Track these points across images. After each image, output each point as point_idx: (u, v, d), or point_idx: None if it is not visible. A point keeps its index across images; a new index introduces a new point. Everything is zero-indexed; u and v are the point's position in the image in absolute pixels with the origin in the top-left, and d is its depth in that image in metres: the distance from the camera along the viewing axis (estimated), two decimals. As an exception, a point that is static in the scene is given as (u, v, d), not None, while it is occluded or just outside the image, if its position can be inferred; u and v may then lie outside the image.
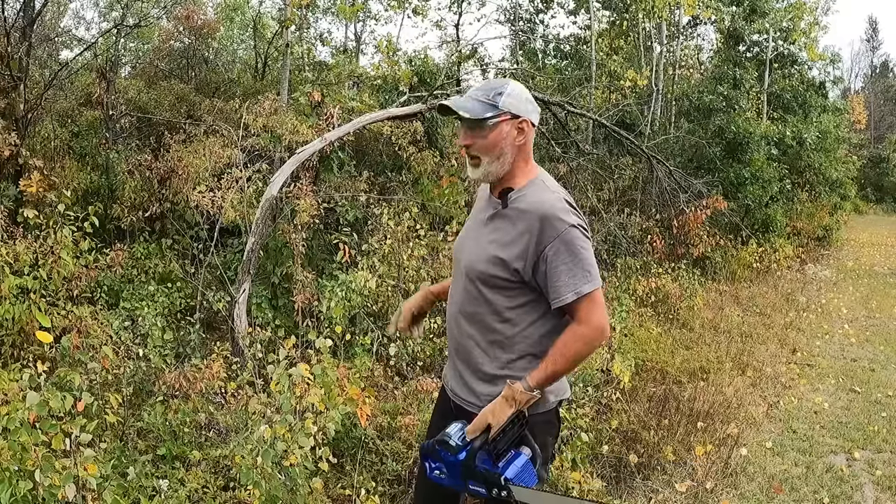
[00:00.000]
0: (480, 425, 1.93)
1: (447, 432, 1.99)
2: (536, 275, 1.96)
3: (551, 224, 1.93)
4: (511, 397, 1.93)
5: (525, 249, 1.95)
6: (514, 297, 2.01)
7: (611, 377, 4.68)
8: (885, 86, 43.89)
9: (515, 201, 2.02)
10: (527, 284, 1.98)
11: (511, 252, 1.97)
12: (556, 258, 1.92)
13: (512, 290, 2.00)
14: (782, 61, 16.02)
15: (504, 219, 2.03)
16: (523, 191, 2.04)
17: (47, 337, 2.69)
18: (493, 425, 1.92)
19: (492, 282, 2.01)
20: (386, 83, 9.25)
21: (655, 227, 9.70)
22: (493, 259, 2.00)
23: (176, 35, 11.48)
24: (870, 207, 31.67)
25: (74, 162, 8.03)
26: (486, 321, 2.05)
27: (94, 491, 2.32)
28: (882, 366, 6.44)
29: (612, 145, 11.27)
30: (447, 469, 2.01)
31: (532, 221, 1.95)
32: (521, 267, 1.96)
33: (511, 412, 1.92)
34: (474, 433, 1.94)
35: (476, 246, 2.08)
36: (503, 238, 2.01)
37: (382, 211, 5.77)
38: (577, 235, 1.94)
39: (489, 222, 2.08)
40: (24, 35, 7.24)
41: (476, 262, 2.05)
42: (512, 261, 1.96)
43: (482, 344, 2.06)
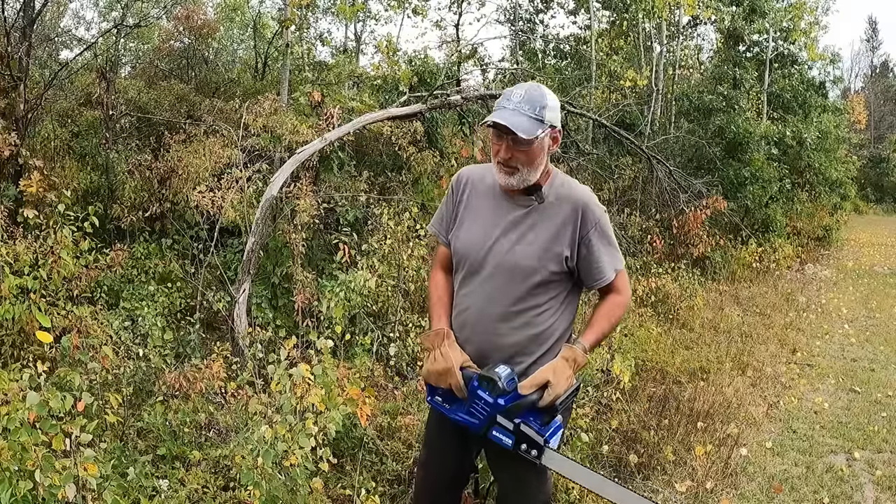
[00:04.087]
0: (539, 381, 1.97)
1: (497, 371, 1.97)
2: (579, 260, 2.08)
3: (591, 210, 2.08)
4: (572, 358, 2.01)
5: (572, 237, 2.06)
6: (553, 288, 2.09)
7: (611, 377, 4.68)
8: (885, 86, 43.89)
9: (550, 195, 2.11)
10: (568, 273, 2.09)
11: (561, 243, 2.06)
12: (598, 241, 2.07)
13: (555, 281, 2.08)
14: (782, 61, 16.02)
15: (541, 213, 2.09)
16: (553, 184, 2.14)
17: (47, 337, 2.68)
18: (553, 384, 1.95)
19: (544, 276, 2.06)
20: (386, 83, 9.25)
21: (655, 227, 9.70)
22: (548, 253, 2.06)
23: (176, 35, 11.48)
24: (870, 207, 31.70)
25: (74, 162, 8.02)
26: (525, 317, 2.08)
27: (94, 491, 2.32)
28: (882, 366, 6.43)
29: (612, 145, 11.27)
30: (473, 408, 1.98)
31: (573, 211, 2.07)
32: (569, 255, 2.07)
33: (569, 374, 1.98)
34: (531, 388, 1.96)
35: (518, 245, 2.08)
36: (548, 232, 2.07)
37: (382, 211, 5.77)
38: (608, 219, 2.13)
39: (523, 219, 2.10)
40: (24, 35, 7.24)
41: (525, 260, 2.06)
42: (563, 251, 2.06)
43: (520, 342, 2.08)
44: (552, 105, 2.05)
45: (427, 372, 2.12)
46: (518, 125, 1.99)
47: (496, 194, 2.16)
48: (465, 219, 2.22)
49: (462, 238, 2.20)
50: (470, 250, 2.17)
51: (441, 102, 7.20)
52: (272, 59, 12.29)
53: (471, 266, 2.16)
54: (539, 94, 2.04)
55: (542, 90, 2.07)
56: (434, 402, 2.13)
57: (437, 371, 2.09)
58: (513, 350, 2.08)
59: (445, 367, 2.07)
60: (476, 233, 2.17)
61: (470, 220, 2.20)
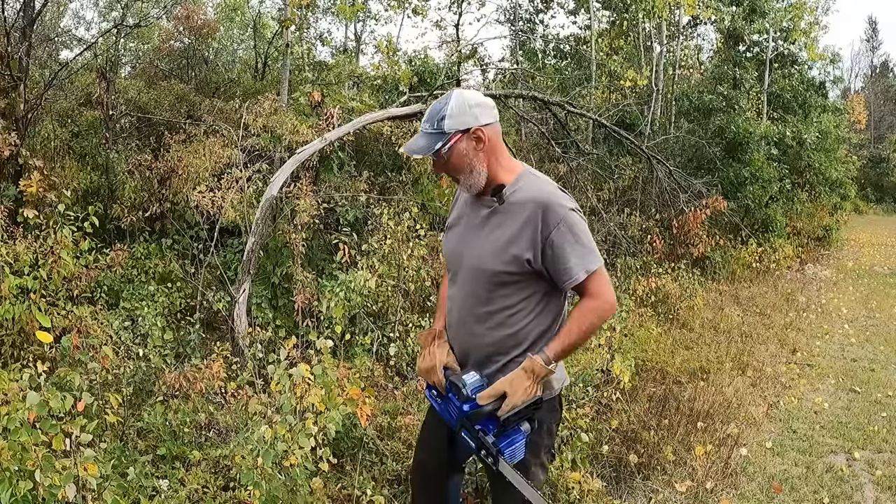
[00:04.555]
0: (496, 393, 1.97)
1: (463, 379, 2.03)
2: (545, 261, 2.02)
3: (553, 210, 2.00)
4: (531, 369, 1.97)
5: (532, 238, 2.00)
6: (522, 289, 2.06)
7: (611, 377, 4.68)
8: (885, 86, 43.90)
9: (511, 196, 2.07)
10: (535, 274, 2.04)
11: (520, 244, 2.02)
12: (563, 241, 1.99)
13: (521, 282, 2.06)
14: (782, 61, 16.02)
15: (503, 214, 2.08)
16: (516, 185, 2.09)
17: (47, 337, 2.68)
18: (509, 394, 1.95)
19: (503, 278, 2.05)
20: (386, 83, 9.26)
21: (655, 227, 9.70)
22: (507, 256, 2.03)
23: (176, 35, 11.48)
24: (870, 207, 31.70)
25: (74, 162, 8.02)
26: (498, 318, 2.09)
27: (94, 491, 2.32)
28: (882, 366, 6.43)
29: (612, 145, 11.28)
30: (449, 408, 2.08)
31: (534, 210, 2.01)
32: (531, 257, 2.01)
33: (528, 385, 1.96)
34: (488, 399, 1.97)
35: (480, 247, 2.11)
36: (508, 233, 2.04)
37: (382, 211, 5.77)
38: (575, 218, 2.03)
39: (487, 221, 2.11)
40: (24, 35, 7.24)
41: (484, 262, 2.08)
42: (522, 253, 2.01)
43: (497, 342, 2.09)
44: (455, 110, 2.02)
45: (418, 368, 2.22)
46: (413, 147, 2.07)
47: (470, 199, 2.20)
48: (451, 224, 2.29)
49: (445, 243, 2.29)
50: (450, 254, 2.24)
51: (441, 102, 7.19)
52: (272, 59, 12.29)
53: (452, 269, 2.23)
54: (442, 104, 2.05)
55: (448, 98, 2.05)
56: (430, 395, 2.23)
57: (424, 369, 2.18)
58: (490, 350, 2.10)
59: (431, 365, 2.15)
60: (454, 237, 2.24)
61: (453, 225, 2.27)
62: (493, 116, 2.09)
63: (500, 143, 2.13)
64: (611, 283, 2.06)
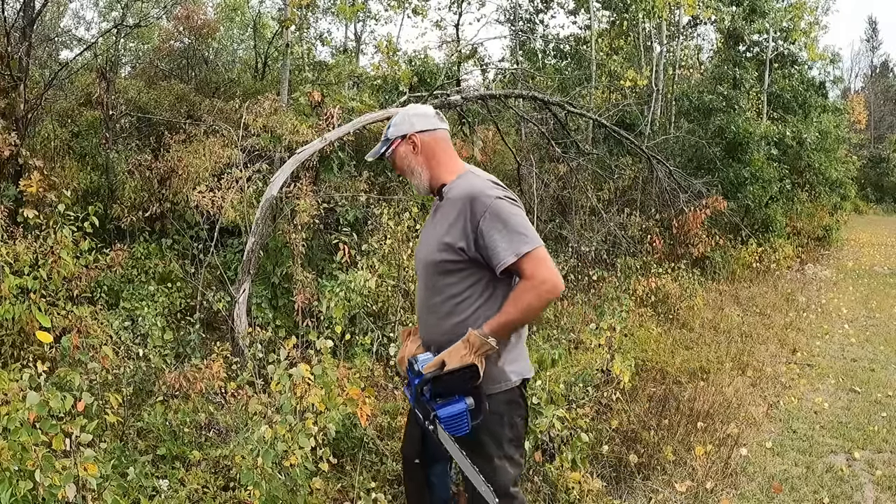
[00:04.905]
0: (437, 363, 2.14)
1: (416, 357, 2.25)
2: (479, 249, 2.16)
3: (479, 201, 2.15)
4: (468, 340, 2.12)
5: (464, 228, 2.17)
6: (466, 277, 2.21)
7: (611, 377, 4.68)
8: (885, 86, 43.90)
9: (448, 193, 2.28)
10: (474, 262, 2.18)
11: (453, 234, 2.19)
12: (490, 228, 2.12)
13: (464, 270, 2.20)
14: (782, 61, 16.02)
15: (442, 210, 2.28)
16: (454, 183, 2.29)
17: (47, 337, 2.69)
18: (447, 361, 2.12)
19: (443, 267, 2.22)
20: (386, 83, 9.26)
21: (655, 227, 9.70)
22: (441, 245, 2.22)
23: (176, 35, 11.49)
24: (870, 207, 31.70)
25: (74, 162, 8.03)
26: (447, 307, 2.24)
27: (94, 491, 2.32)
28: (882, 366, 6.43)
29: (612, 145, 11.28)
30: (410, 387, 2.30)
31: (464, 203, 2.18)
32: (464, 245, 2.17)
33: (464, 353, 2.10)
34: (430, 368, 2.16)
35: (427, 242, 2.33)
36: (445, 225, 2.23)
37: (382, 211, 5.77)
38: (503, 205, 2.15)
39: (433, 218, 2.34)
40: (24, 35, 7.24)
41: (428, 255, 2.28)
42: (456, 242, 2.18)
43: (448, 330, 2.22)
44: (398, 120, 2.34)
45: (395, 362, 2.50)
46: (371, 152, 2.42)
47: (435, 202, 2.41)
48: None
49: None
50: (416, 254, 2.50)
51: (441, 102, 7.20)
52: (272, 59, 12.30)
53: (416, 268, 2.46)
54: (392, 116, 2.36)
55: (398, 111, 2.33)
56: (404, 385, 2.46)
57: (399, 360, 2.44)
58: (444, 339, 2.20)
59: (401, 356, 2.40)
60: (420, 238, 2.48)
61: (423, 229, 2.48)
62: (430, 125, 2.32)
63: (441, 148, 2.33)
64: (551, 265, 2.12)
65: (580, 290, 7.70)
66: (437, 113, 2.40)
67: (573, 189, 9.37)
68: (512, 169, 9.32)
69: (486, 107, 8.39)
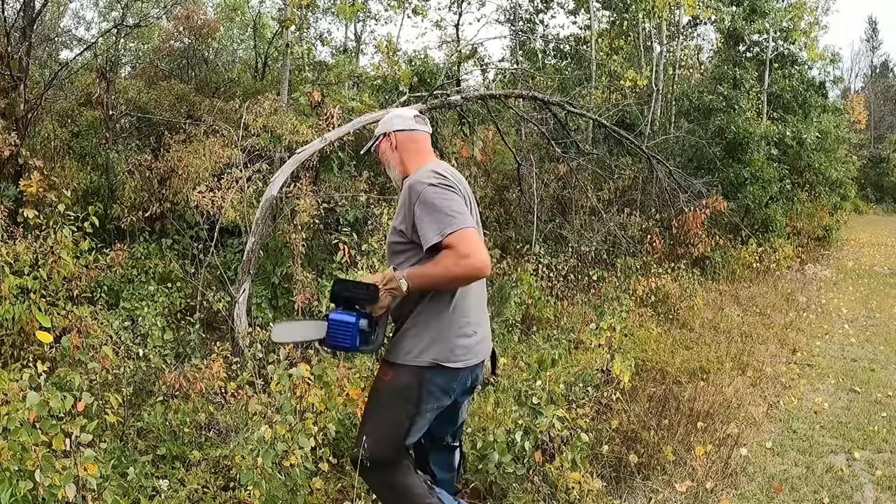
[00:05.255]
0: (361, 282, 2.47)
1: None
2: (415, 231, 2.38)
3: (414, 189, 2.38)
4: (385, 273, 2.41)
5: (405, 214, 2.41)
6: (411, 257, 2.44)
7: (611, 377, 4.68)
8: (885, 86, 43.89)
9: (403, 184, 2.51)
10: (415, 243, 2.40)
11: (398, 219, 2.46)
12: (421, 212, 2.34)
13: (407, 251, 2.44)
14: (782, 61, 16.02)
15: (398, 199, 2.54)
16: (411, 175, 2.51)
17: (47, 337, 2.69)
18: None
19: (394, 248, 2.50)
20: (386, 83, 9.26)
21: (655, 227, 9.70)
22: (392, 229, 2.51)
23: (176, 35, 11.49)
24: (870, 207, 31.69)
25: (74, 162, 8.03)
26: None
27: (94, 491, 2.32)
28: (882, 366, 6.43)
29: (612, 145, 11.27)
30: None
31: (406, 191, 2.42)
32: (405, 228, 2.42)
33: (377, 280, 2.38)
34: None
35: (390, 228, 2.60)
36: (397, 213, 2.51)
37: (382, 211, 5.77)
38: (432, 191, 2.34)
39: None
40: (24, 35, 7.25)
41: (388, 238, 2.57)
42: (398, 224, 2.45)
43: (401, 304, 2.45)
44: (383, 120, 2.67)
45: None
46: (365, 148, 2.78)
47: None
48: None
49: None
50: None
51: (441, 102, 7.20)
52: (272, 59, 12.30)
53: None
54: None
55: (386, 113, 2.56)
56: None
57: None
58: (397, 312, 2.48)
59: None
60: None
61: None
62: (408, 125, 2.60)
63: (416, 147, 2.60)
64: (477, 243, 2.28)
65: (580, 290, 7.70)
66: (419, 117, 2.65)
67: (573, 189, 9.37)
68: (512, 169, 9.32)
69: (486, 107, 8.38)
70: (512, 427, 3.38)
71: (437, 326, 2.40)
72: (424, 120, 2.67)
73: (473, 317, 2.49)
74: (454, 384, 2.46)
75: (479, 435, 3.42)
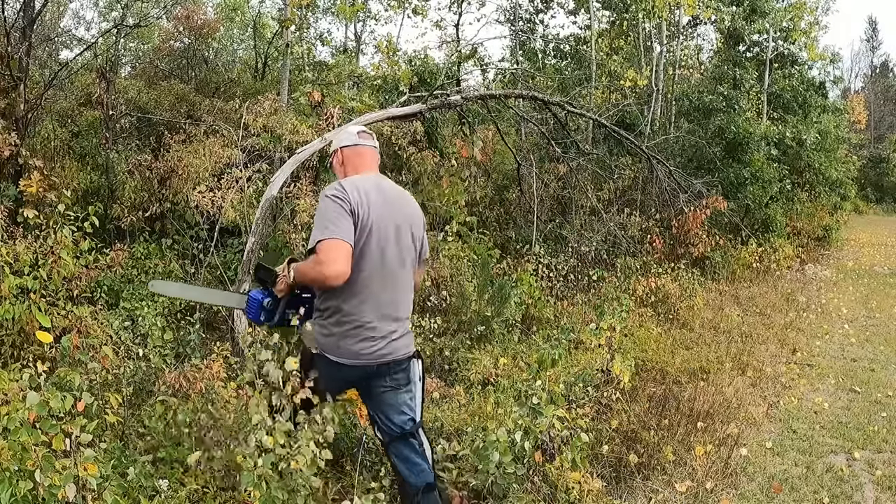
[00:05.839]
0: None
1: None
2: None
3: (320, 198, 2.70)
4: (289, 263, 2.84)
5: None
6: None
7: (611, 377, 4.68)
8: (885, 86, 43.87)
9: None
10: None
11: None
12: (315, 220, 2.68)
13: None
14: (782, 61, 16.01)
15: None
16: None
17: (47, 337, 2.69)
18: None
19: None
20: (386, 83, 9.27)
21: (655, 227, 9.70)
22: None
23: (176, 35, 11.49)
24: (870, 207, 31.68)
25: (74, 162, 8.03)
26: None
27: (94, 491, 2.32)
28: (882, 366, 6.43)
29: (612, 145, 11.27)
30: None
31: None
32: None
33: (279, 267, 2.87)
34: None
35: None
36: None
37: (382, 211, 5.75)
38: (325, 203, 2.63)
39: None
40: (24, 35, 7.25)
41: None
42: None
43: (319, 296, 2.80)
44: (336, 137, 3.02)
45: None
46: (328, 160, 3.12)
47: None
48: None
49: None
50: None
51: (441, 102, 7.19)
52: (272, 59, 12.30)
53: None
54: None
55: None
56: None
57: None
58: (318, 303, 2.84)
59: None
60: None
61: None
62: (352, 141, 2.92)
63: (358, 161, 2.89)
64: (334, 254, 2.56)
65: (580, 290, 7.70)
66: (364, 132, 2.95)
67: (573, 189, 9.38)
68: (512, 169, 9.32)
69: (486, 107, 8.37)
70: (512, 427, 3.38)
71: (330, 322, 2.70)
72: (370, 135, 2.96)
73: (368, 320, 2.68)
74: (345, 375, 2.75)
75: (479, 435, 3.42)
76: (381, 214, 2.69)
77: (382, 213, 2.70)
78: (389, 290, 2.72)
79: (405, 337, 2.81)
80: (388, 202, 2.75)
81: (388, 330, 2.73)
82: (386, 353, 2.72)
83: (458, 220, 7.08)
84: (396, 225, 2.74)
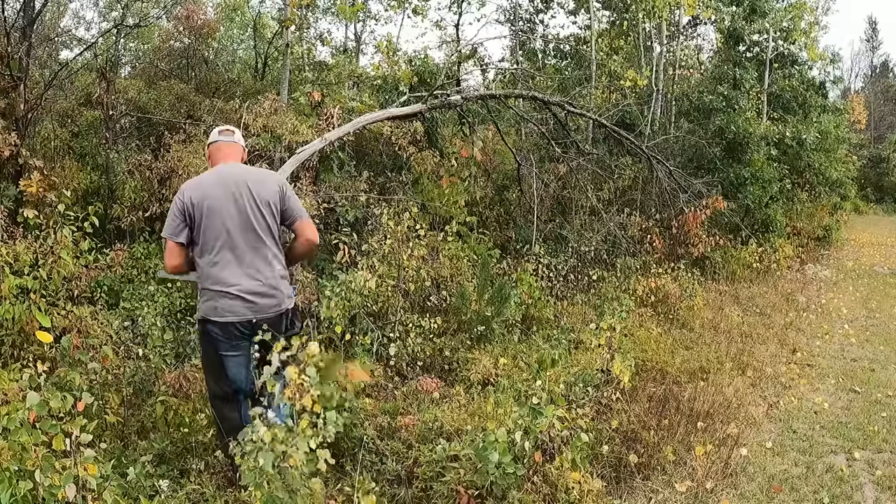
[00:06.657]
0: None
1: None
2: None
3: None
4: None
5: None
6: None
7: (611, 377, 4.68)
8: (885, 86, 43.84)
9: None
10: None
11: None
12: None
13: None
14: (782, 61, 16.00)
15: None
16: None
17: (47, 337, 2.69)
18: None
19: None
20: (386, 83, 9.26)
21: (655, 227, 9.69)
22: None
23: (176, 35, 11.49)
24: (870, 207, 31.64)
25: (74, 162, 8.03)
26: None
27: (94, 491, 2.32)
28: (882, 366, 6.43)
29: (612, 145, 11.26)
30: None
31: None
32: None
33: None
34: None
35: None
36: None
37: (382, 211, 5.77)
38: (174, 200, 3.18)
39: None
40: (24, 35, 7.25)
41: None
42: None
43: None
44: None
45: None
46: None
47: None
48: None
49: None
50: None
51: (441, 102, 7.19)
52: (272, 59, 12.30)
53: None
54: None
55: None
56: None
57: None
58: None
59: None
60: None
61: None
62: (214, 138, 3.40)
63: (220, 154, 3.36)
64: (166, 251, 3.18)
65: (580, 290, 7.70)
66: (225, 130, 3.41)
67: (573, 189, 9.37)
68: (512, 169, 9.32)
69: (486, 107, 8.38)
70: (512, 427, 3.38)
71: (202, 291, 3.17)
72: (231, 132, 3.41)
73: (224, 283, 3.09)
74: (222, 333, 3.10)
75: (479, 435, 3.42)
76: (217, 195, 3.13)
77: (217, 194, 3.13)
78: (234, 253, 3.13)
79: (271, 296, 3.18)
80: (223, 183, 3.16)
81: (244, 285, 3.11)
82: (242, 308, 3.11)
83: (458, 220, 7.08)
84: (235, 198, 3.14)
